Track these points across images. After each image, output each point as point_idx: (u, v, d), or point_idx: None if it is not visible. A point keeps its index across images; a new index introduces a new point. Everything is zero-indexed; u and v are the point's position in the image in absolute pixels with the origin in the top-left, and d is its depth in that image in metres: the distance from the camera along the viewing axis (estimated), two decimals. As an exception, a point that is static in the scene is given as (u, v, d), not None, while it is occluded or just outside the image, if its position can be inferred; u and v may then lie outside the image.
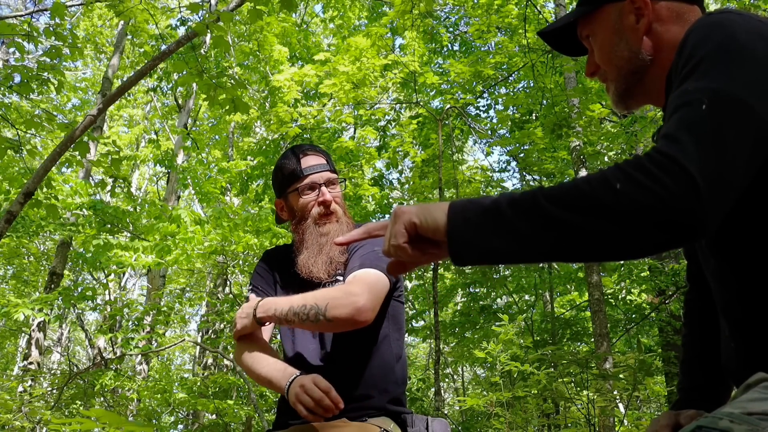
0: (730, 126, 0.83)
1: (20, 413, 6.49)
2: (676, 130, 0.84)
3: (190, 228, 7.05)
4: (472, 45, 11.49)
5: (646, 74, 1.11)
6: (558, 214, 0.83)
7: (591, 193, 0.83)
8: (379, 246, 1.69)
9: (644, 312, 8.47)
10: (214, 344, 9.52)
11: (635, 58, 1.10)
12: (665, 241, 0.81)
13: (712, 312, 1.20)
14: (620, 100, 1.16)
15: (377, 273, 1.62)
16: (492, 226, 0.87)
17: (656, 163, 0.81)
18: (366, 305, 1.52)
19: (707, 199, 0.80)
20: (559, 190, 0.85)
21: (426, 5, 6.35)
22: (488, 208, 0.88)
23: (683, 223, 0.80)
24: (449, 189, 9.71)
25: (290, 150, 1.85)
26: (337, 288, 1.62)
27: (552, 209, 0.84)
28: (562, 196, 0.84)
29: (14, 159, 8.64)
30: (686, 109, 0.86)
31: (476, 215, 0.89)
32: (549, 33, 1.25)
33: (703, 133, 0.82)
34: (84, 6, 9.99)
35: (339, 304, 1.53)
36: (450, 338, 10.59)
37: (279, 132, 9.11)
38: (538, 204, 0.85)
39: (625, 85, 1.14)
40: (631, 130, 7.43)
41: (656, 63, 1.09)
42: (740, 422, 0.79)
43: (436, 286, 6.80)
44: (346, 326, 1.54)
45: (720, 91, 0.85)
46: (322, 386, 1.47)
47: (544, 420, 6.45)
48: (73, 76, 14.97)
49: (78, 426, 1.45)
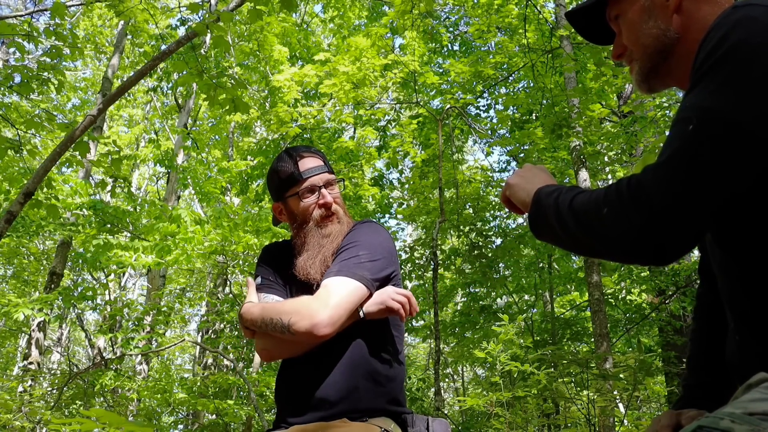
0: (710, 148, 0.88)
1: (20, 413, 6.49)
2: (663, 152, 0.93)
3: (190, 228, 7.04)
4: (472, 45, 11.50)
5: (673, 54, 1.11)
6: (569, 223, 1.03)
7: (589, 212, 0.99)
8: (366, 249, 1.69)
9: (644, 312, 8.47)
10: (214, 344, 9.52)
11: (663, 36, 1.11)
12: (635, 262, 0.97)
13: (721, 307, 1.20)
14: (645, 79, 1.17)
15: (349, 282, 1.61)
16: (544, 218, 1.11)
17: (631, 193, 0.93)
18: (323, 320, 1.54)
19: (664, 228, 0.89)
20: (580, 203, 1.02)
21: (426, 5, 6.34)
22: (547, 204, 1.11)
23: (644, 253, 0.93)
24: (449, 189, 9.71)
25: (285, 152, 1.83)
26: (302, 301, 1.61)
27: (568, 219, 1.03)
28: (579, 209, 1.02)
29: (14, 159, 8.63)
30: (678, 128, 0.93)
31: (544, 206, 1.12)
32: (578, 12, 1.26)
33: (679, 159, 0.91)
34: (84, 6, 9.99)
35: (299, 318, 1.55)
36: (450, 338, 10.58)
37: (279, 132, 9.11)
38: (563, 210, 1.05)
39: (651, 63, 1.14)
40: (631, 130, 7.42)
41: (684, 42, 1.09)
42: (741, 422, 0.79)
43: (436, 286, 6.80)
44: (308, 339, 1.57)
45: (710, 110, 0.90)
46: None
47: (544, 420, 6.45)
48: (73, 76, 14.98)
49: (78, 426, 1.45)
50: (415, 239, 10.08)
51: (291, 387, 1.69)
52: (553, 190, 1.11)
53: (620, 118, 8.24)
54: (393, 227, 13.11)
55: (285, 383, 1.71)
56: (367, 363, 1.67)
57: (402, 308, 1.66)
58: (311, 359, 1.66)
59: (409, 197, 10.67)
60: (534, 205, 1.14)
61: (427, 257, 9.14)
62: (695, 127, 0.89)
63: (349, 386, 1.63)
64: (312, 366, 1.66)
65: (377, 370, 1.67)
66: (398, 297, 1.66)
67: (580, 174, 7.17)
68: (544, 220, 1.10)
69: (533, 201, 1.14)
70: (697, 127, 0.89)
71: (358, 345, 1.66)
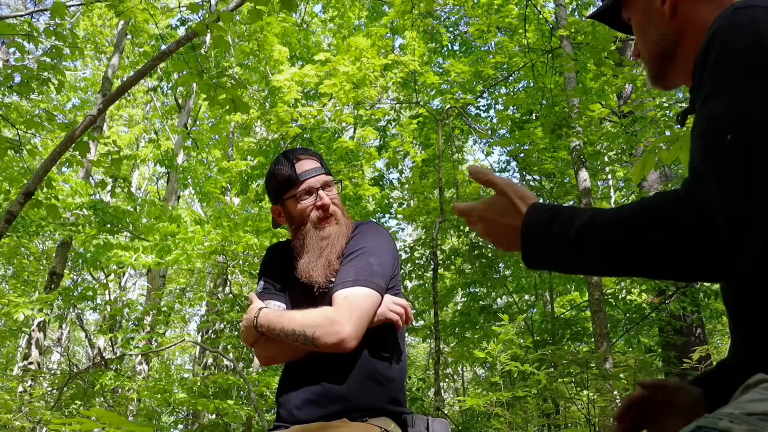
0: (756, 155, 0.84)
1: (20, 413, 6.49)
2: (704, 167, 0.87)
3: (190, 228, 7.05)
4: (472, 45, 11.50)
5: (675, 56, 1.12)
6: (602, 252, 0.92)
7: (632, 240, 0.89)
8: (375, 256, 1.71)
9: (644, 312, 8.47)
10: (214, 344, 9.52)
11: (662, 41, 1.12)
12: (700, 279, 0.91)
13: None
14: (655, 81, 1.19)
15: (367, 292, 1.64)
16: (550, 249, 0.99)
17: (688, 214, 0.85)
18: (350, 335, 1.58)
19: (732, 244, 0.83)
20: (612, 231, 0.91)
21: (426, 5, 6.34)
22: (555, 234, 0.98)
23: (711, 270, 0.86)
24: (449, 189, 9.71)
25: (282, 155, 1.85)
26: (327, 314, 1.62)
27: (601, 248, 0.92)
28: (616, 236, 0.91)
29: (14, 159, 8.63)
30: (712, 139, 0.88)
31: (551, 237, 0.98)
32: (598, 16, 1.28)
33: (729, 172, 0.84)
34: (84, 6, 9.99)
35: (325, 332, 1.58)
36: (450, 338, 10.58)
37: (279, 132, 9.11)
38: (587, 238, 0.93)
39: (657, 68, 1.16)
40: (631, 130, 7.42)
41: (684, 44, 1.10)
42: (740, 422, 0.79)
43: (436, 286, 6.80)
44: (333, 351, 1.60)
45: (743, 116, 0.86)
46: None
47: (544, 420, 6.45)
48: (73, 76, 14.97)
49: (78, 426, 1.45)
50: (415, 239, 10.09)
51: (293, 386, 1.69)
52: (547, 220, 0.99)
53: (620, 118, 8.23)
54: (393, 227, 13.11)
55: (287, 382, 1.72)
56: (368, 363, 1.68)
57: (400, 319, 1.72)
58: (313, 359, 1.67)
59: (409, 197, 10.67)
60: (528, 241, 1.00)
61: (427, 257, 9.14)
62: (734, 137, 0.85)
63: (350, 385, 1.64)
64: (314, 365, 1.66)
65: (378, 370, 1.68)
66: (396, 308, 1.72)
67: (580, 174, 7.17)
68: (552, 252, 0.98)
69: (525, 237, 1.01)
70: (735, 136, 0.85)
71: (359, 345, 1.66)
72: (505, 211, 1.05)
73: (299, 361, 1.70)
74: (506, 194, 1.05)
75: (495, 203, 1.07)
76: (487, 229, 1.08)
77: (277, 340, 1.67)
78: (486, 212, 1.08)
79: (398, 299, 1.75)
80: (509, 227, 1.04)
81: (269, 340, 1.70)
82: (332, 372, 1.64)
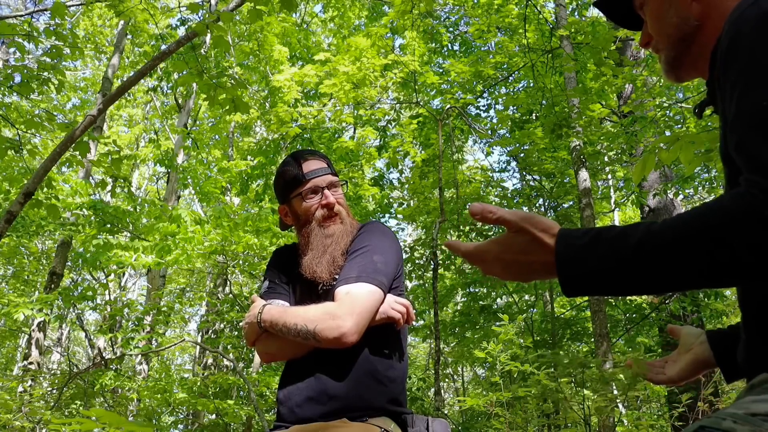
0: None
1: (20, 413, 6.48)
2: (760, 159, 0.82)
3: (190, 228, 7.05)
4: (472, 45, 11.50)
5: (694, 42, 1.11)
6: (680, 269, 0.83)
7: (710, 257, 0.81)
8: (379, 254, 1.72)
9: (644, 312, 8.47)
10: (214, 344, 9.52)
11: (684, 24, 1.10)
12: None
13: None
14: (670, 69, 1.17)
15: (370, 289, 1.65)
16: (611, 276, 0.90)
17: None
18: (351, 329, 1.58)
19: None
20: (684, 243, 0.83)
21: (426, 5, 6.35)
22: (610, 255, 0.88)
23: None
24: (449, 189, 9.71)
25: (290, 156, 1.89)
26: (328, 308, 1.64)
27: (679, 263, 0.83)
28: (691, 248, 0.83)
29: (14, 159, 8.64)
30: (760, 134, 0.83)
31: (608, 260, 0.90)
32: (605, 2, 1.26)
33: None
34: (84, 6, 9.99)
35: (326, 327, 1.59)
36: (450, 338, 10.59)
37: (279, 132, 9.12)
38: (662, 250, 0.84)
39: (674, 52, 1.14)
40: (631, 130, 7.42)
41: (704, 30, 1.09)
42: (743, 423, 0.79)
43: (436, 286, 6.80)
44: (335, 347, 1.60)
45: None
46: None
47: (544, 420, 6.45)
48: (73, 76, 14.98)
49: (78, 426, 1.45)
50: (415, 239, 10.08)
51: (294, 383, 1.70)
52: (589, 245, 0.89)
53: (620, 118, 8.22)
54: (393, 227, 13.11)
55: (288, 380, 1.73)
56: (369, 362, 1.68)
57: (401, 317, 1.72)
58: (314, 357, 1.68)
59: (409, 197, 10.67)
60: (571, 270, 0.90)
61: (427, 257, 9.13)
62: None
63: (350, 385, 1.64)
64: (315, 363, 1.67)
65: (379, 370, 1.69)
66: (398, 306, 1.72)
67: (580, 174, 7.17)
68: (604, 275, 0.88)
69: (566, 266, 0.91)
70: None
71: (360, 344, 1.67)
72: (527, 249, 0.94)
73: (300, 359, 1.70)
74: (525, 230, 0.94)
75: (512, 243, 0.96)
76: (508, 270, 0.98)
77: (279, 338, 1.68)
78: (504, 254, 0.97)
79: (400, 299, 1.75)
80: (537, 264, 0.94)
81: (271, 337, 1.71)
82: (333, 370, 1.65)
